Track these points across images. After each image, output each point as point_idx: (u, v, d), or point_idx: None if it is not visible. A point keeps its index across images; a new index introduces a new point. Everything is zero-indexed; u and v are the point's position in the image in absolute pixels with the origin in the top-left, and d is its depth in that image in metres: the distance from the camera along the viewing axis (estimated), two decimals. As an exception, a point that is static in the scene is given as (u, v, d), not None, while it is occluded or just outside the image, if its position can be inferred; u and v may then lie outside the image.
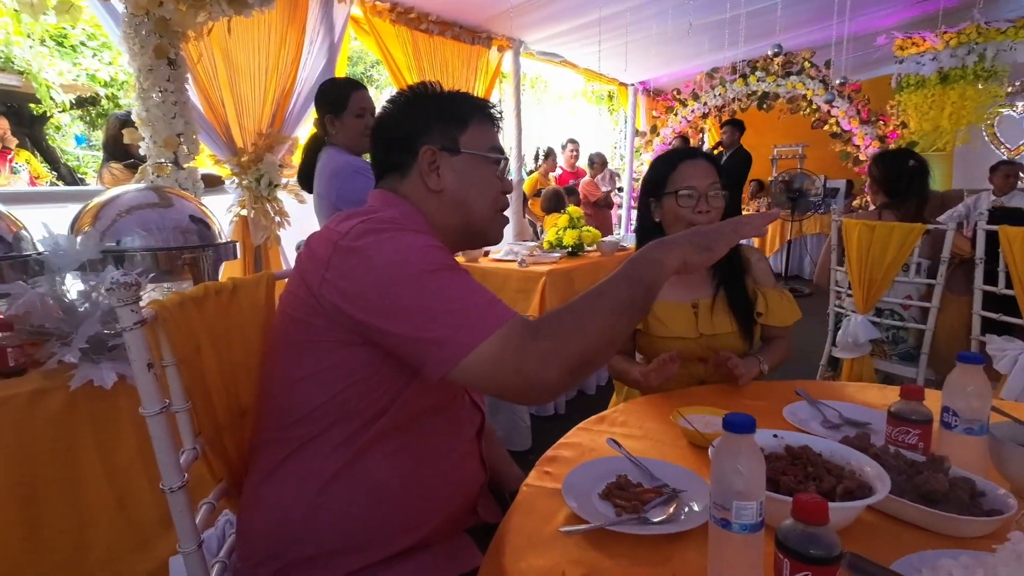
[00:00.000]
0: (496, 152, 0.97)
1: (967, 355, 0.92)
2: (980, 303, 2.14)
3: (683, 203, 1.42)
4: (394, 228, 0.82)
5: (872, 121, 5.46)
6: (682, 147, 1.52)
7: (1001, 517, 0.76)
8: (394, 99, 0.99)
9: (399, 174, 0.95)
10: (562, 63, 5.05)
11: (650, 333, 1.49)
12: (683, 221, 1.42)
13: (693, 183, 1.41)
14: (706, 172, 1.42)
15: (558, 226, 3.38)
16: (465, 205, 0.94)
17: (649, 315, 1.48)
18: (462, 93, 0.99)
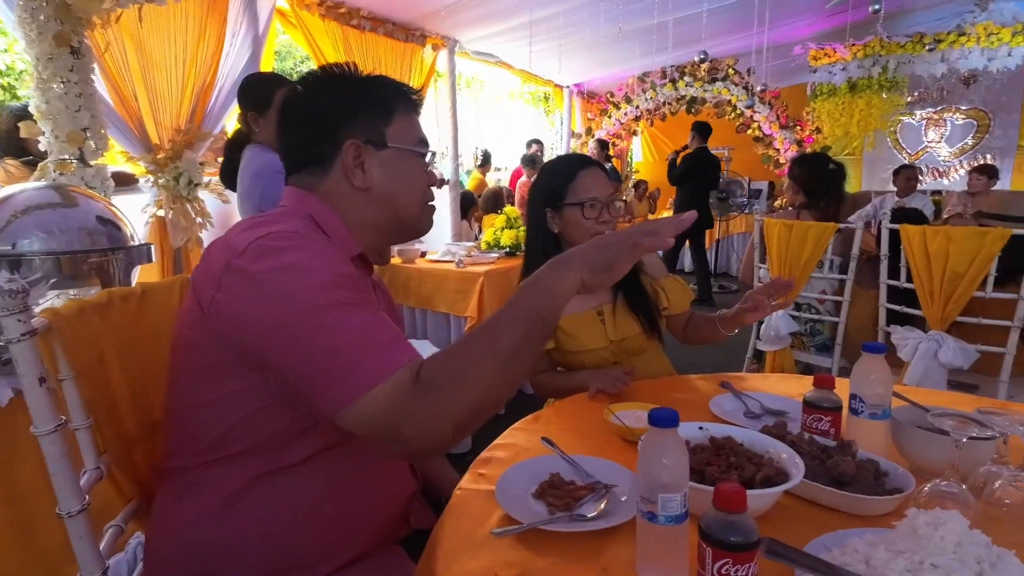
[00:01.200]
0: (423, 145, 0.93)
1: (871, 345, 0.98)
2: (885, 296, 2.30)
3: (588, 214, 1.40)
4: (295, 248, 0.75)
5: (791, 126, 5.79)
6: (577, 155, 1.54)
7: (902, 495, 0.82)
8: (311, 79, 0.90)
9: (319, 168, 0.87)
10: (498, 63, 5.07)
11: (562, 349, 1.48)
12: (587, 232, 1.39)
13: (596, 193, 1.40)
14: (606, 181, 1.44)
15: (495, 226, 3.39)
16: (394, 202, 0.89)
17: (557, 331, 1.45)
18: (384, 78, 0.92)
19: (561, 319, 1.46)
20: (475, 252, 3.29)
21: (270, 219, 0.82)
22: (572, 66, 5.62)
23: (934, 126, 7.48)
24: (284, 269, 0.73)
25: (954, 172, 7.31)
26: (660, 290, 1.50)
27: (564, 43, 4.34)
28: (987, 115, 7.06)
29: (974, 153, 7.21)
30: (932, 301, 2.10)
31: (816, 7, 4.95)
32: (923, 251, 2.09)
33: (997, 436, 0.77)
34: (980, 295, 2.00)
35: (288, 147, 0.91)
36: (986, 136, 7.14)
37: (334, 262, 0.77)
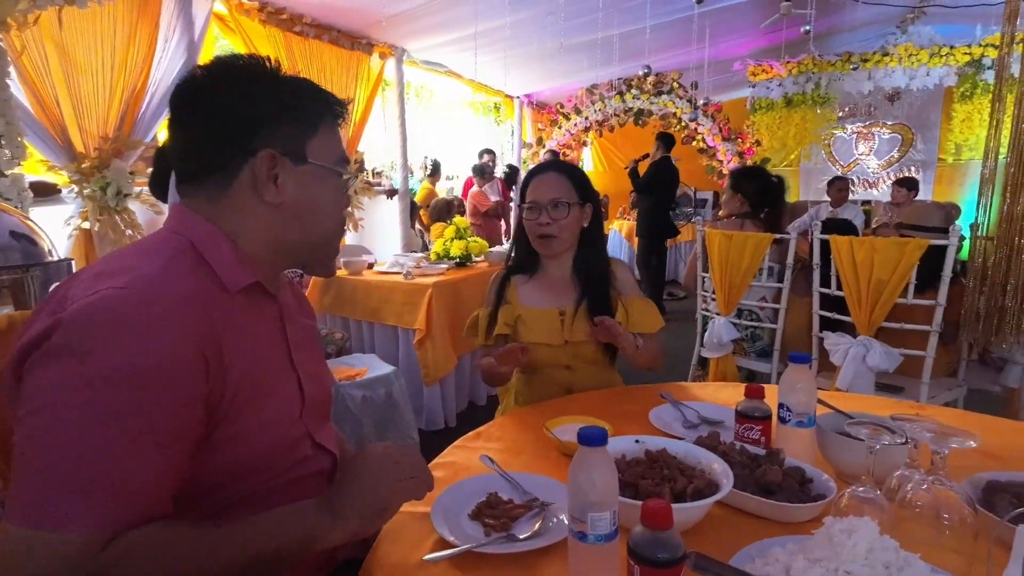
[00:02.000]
0: (343, 164, 0.84)
1: (796, 356, 1.02)
2: (818, 303, 2.41)
3: (527, 215, 1.49)
4: (117, 324, 0.64)
5: (732, 138, 6.02)
6: (545, 162, 1.58)
7: (824, 502, 0.85)
8: (222, 68, 0.77)
9: (219, 177, 0.76)
10: (447, 73, 5.06)
11: (518, 339, 1.50)
12: (530, 233, 1.50)
13: (535, 197, 1.47)
14: (551, 186, 1.47)
15: (445, 237, 3.37)
16: (306, 223, 0.80)
17: (518, 321, 1.50)
18: (311, 84, 0.81)
19: (522, 310, 1.52)
20: (424, 263, 3.26)
21: (127, 263, 0.71)
22: (521, 77, 5.68)
23: (863, 140, 7.90)
24: (75, 352, 0.62)
25: (883, 183, 7.74)
26: (622, 305, 1.52)
27: (511, 55, 4.38)
28: (910, 130, 7.52)
29: (900, 165, 7.66)
30: (860, 308, 2.21)
31: (753, 25, 5.18)
32: (851, 260, 2.19)
33: (907, 442, 0.81)
34: (902, 302, 2.12)
35: (182, 146, 0.78)
36: (910, 150, 7.59)
37: (152, 348, 0.64)
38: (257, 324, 0.80)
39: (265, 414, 0.77)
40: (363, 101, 4.04)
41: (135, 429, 0.63)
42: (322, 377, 0.95)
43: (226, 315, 0.73)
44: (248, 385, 0.74)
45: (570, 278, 1.54)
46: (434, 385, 2.91)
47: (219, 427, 0.72)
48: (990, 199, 2.03)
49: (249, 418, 0.75)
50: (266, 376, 0.79)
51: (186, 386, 0.67)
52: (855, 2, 4.57)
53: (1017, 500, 0.79)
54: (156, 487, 0.65)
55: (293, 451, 0.83)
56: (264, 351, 0.80)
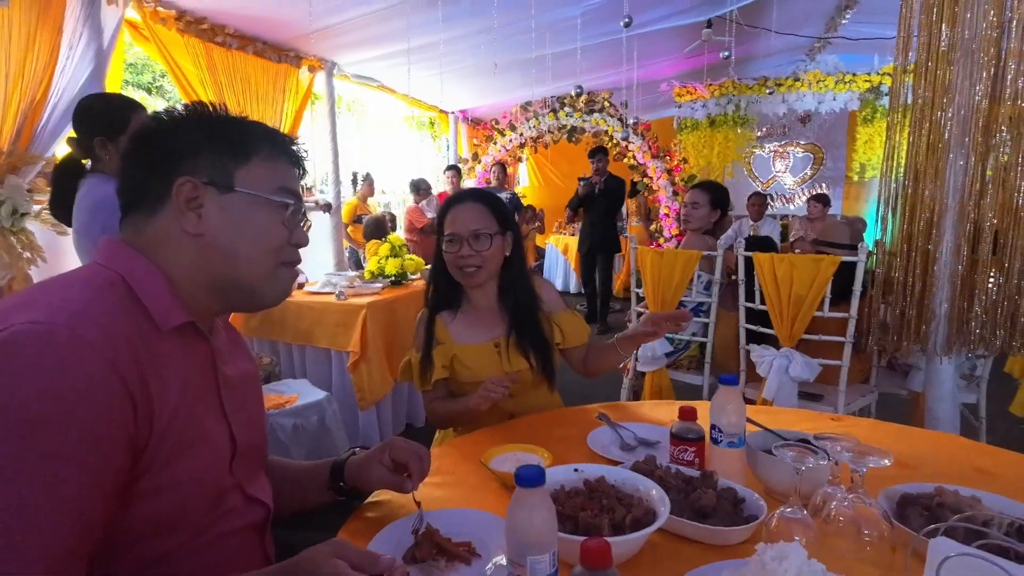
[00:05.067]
0: (285, 194, 0.81)
1: (726, 378, 1.05)
2: (744, 317, 2.52)
3: (447, 247, 1.43)
4: (26, 363, 0.59)
5: (661, 156, 6.25)
6: (464, 190, 1.55)
7: (756, 522, 0.87)
8: (162, 114, 0.81)
9: (147, 209, 0.76)
10: (380, 87, 4.99)
11: (458, 380, 1.47)
12: (450, 265, 1.44)
13: (455, 228, 1.42)
14: (472, 217, 1.42)
15: (379, 255, 3.29)
16: (232, 256, 0.77)
17: (455, 360, 1.46)
18: (254, 122, 0.83)
19: (457, 349, 1.47)
20: (358, 282, 3.17)
21: (50, 295, 0.67)
22: (456, 93, 5.68)
23: (780, 158, 8.44)
24: None
25: (798, 198, 8.27)
26: (555, 325, 1.52)
27: (446, 71, 4.38)
28: (821, 149, 8.10)
29: (813, 182, 8.22)
30: (781, 321, 2.32)
31: (677, 49, 5.43)
32: (772, 276, 2.31)
33: (829, 462, 0.85)
34: (819, 315, 2.25)
35: (121, 185, 0.79)
36: (821, 167, 8.17)
37: (64, 390, 0.59)
38: (188, 367, 0.76)
39: (193, 464, 0.72)
40: (291, 115, 3.90)
41: (39, 479, 0.57)
42: (259, 424, 0.91)
43: (155, 355, 0.69)
44: (176, 431, 0.70)
45: (497, 307, 1.51)
46: (370, 408, 2.82)
47: (144, 476, 0.67)
48: (889, 217, 2.19)
49: (175, 468, 0.70)
50: (195, 423, 0.74)
51: (107, 430, 0.61)
52: (768, 31, 4.88)
53: (927, 512, 0.84)
54: (61, 551, 0.58)
55: (221, 504, 0.78)
56: (194, 396, 0.75)
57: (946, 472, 1.06)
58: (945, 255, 2.01)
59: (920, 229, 2.06)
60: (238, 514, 0.81)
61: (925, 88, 2.01)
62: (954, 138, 1.96)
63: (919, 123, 2.04)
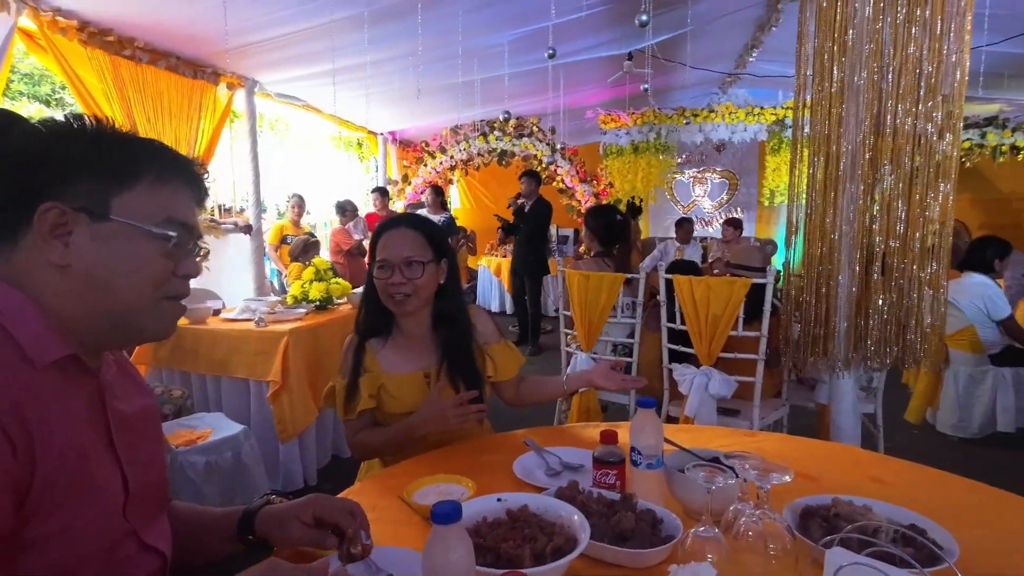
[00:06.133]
0: (171, 225, 0.74)
1: (644, 401, 1.08)
2: (667, 337, 2.61)
3: (378, 275, 1.40)
4: None
5: (588, 180, 6.46)
6: (400, 215, 1.53)
7: (672, 542, 0.89)
8: (34, 127, 0.72)
9: (10, 236, 0.69)
10: (305, 107, 4.88)
11: (385, 410, 1.43)
12: (383, 294, 1.41)
13: (387, 255, 1.39)
14: (405, 243, 1.39)
15: (303, 279, 3.17)
16: (106, 289, 0.71)
17: (382, 390, 1.42)
18: (143, 140, 0.76)
19: (385, 378, 1.43)
20: (279, 308, 3.04)
21: None
22: (385, 114, 5.64)
23: (699, 184, 8.92)
24: None
25: (716, 222, 8.75)
26: (488, 357, 1.50)
27: (373, 92, 4.34)
28: (735, 176, 8.63)
29: (728, 206, 8.73)
30: (700, 340, 2.43)
31: (601, 79, 5.66)
32: (691, 297, 2.42)
33: (738, 480, 0.88)
34: (734, 334, 2.37)
35: None
36: (736, 193, 8.70)
37: None
38: (73, 404, 0.69)
39: (82, 510, 0.67)
40: (208, 132, 3.73)
41: None
42: (156, 463, 0.84)
43: (33, 393, 0.64)
44: (63, 475, 0.64)
45: (430, 336, 1.48)
46: (292, 441, 2.69)
47: (30, 523, 0.62)
48: (794, 241, 2.36)
49: (63, 514, 0.64)
50: (84, 465, 0.68)
51: None
52: (684, 66, 5.18)
53: (826, 523, 0.89)
54: None
55: (114, 553, 0.72)
56: (81, 436, 0.69)
57: (844, 482, 1.13)
58: (842, 277, 2.18)
59: (821, 252, 2.23)
60: (133, 564, 0.75)
61: (820, 124, 2.19)
62: (846, 169, 2.14)
63: (816, 155, 2.21)
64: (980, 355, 3.35)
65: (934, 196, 2.07)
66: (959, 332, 3.34)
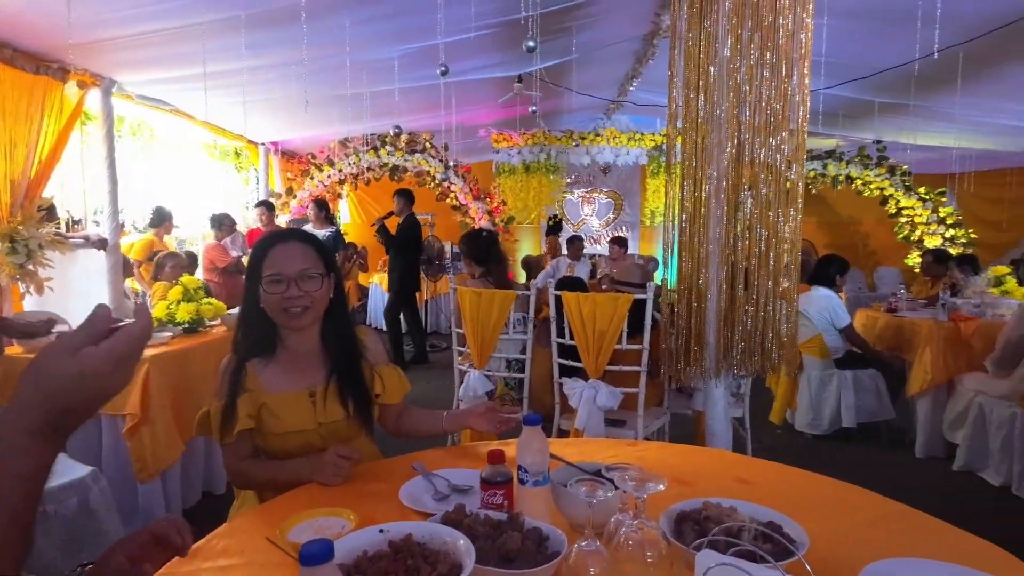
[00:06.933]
0: None
1: (529, 418, 1.08)
2: (557, 352, 2.67)
3: (270, 289, 1.35)
4: None
5: (482, 198, 6.53)
6: (286, 230, 1.47)
7: (558, 559, 0.89)
8: None
9: None
10: (174, 112, 4.48)
11: (265, 431, 1.36)
12: (273, 308, 1.36)
13: (280, 268, 1.35)
14: (299, 256, 1.37)
15: (168, 299, 2.88)
16: None
17: (263, 410, 1.35)
18: None
19: (267, 398, 1.34)
20: (140, 332, 2.73)
21: None
22: (266, 123, 5.34)
23: (587, 203, 9.35)
24: None
25: (603, 239, 9.20)
26: (377, 376, 1.47)
27: (253, 100, 4.09)
28: (620, 197, 9.15)
29: (615, 225, 9.22)
30: (588, 354, 2.52)
31: (492, 98, 5.77)
32: (578, 313, 2.50)
33: (618, 491, 0.91)
34: (619, 347, 2.48)
35: None
36: (621, 212, 9.22)
37: None
38: None
39: None
40: (53, 135, 3.30)
41: None
42: None
43: None
44: None
45: (317, 353, 1.44)
46: (154, 480, 2.41)
47: None
48: (670, 259, 2.52)
49: None
50: None
51: None
52: (570, 91, 5.43)
53: (698, 526, 0.94)
54: None
55: None
56: None
57: (715, 486, 1.20)
58: (711, 292, 2.36)
59: (693, 269, 2.40)
60: None
61: (690, 151, 2.37)
62: (713, 194, 2.34)
63: (687, 180, 2.39)
64: (827, 360, 3.78)
65: (785, 219, 2.31)
66: (810, 340, 3.75)
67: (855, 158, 7.12)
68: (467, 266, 3.21)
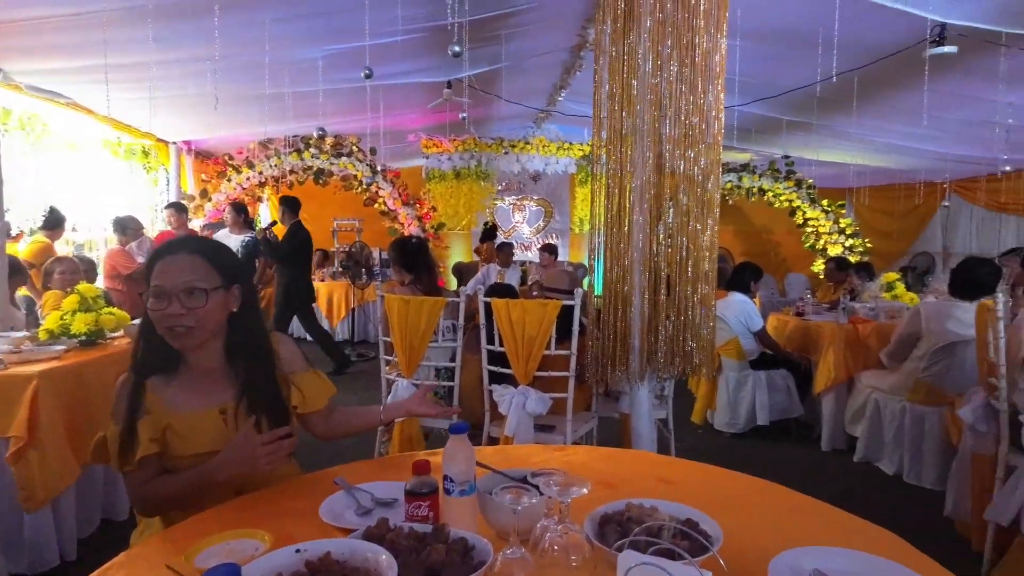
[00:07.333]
0: None
1: (455, 426, 1.07)
2: (487, 359, 2.67)
3: (153, 304, 1.23)
4: None
5: (411, 203, 6.44)
6: (177, 239, 1.37)
7: (481, 570, 0.88)
8: None
9: None
10: (71, 105, 4.11)
11: (174, 454, 1.25)
12: (157, 324, 1.24)
13: (162, 281, 1.23)
14: (185, 268, 1.25)
15: (63, 309, 2.63)
16: None
17: (168, 431, 1.25)
18: None
19: (173, 418, 1.24)
20: (27, 345, 2.48)
21: None
22: (178, 121, 5.01)
23: (518, 210, 9.44)
24: None
25: (534, 247, 9.31)
26: (295, 387, 1.39)
27: (162, 96, 3.83)
28: (550, 204, 9.30)
29: (545, 233, 9.36)
30: (517, 360, 2.52)
31: (422, 103, 5.72)
32: (507, 320, 2.50)
33: (542, 498, 0.91)
34: (548, 353, 2.50)
35: None
36: (551, 220, 9.37)
37: None
38: None
39: None
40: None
41: None
42: None
43: None
44: None
45: (225, 368, 1.33)
46: (44, 508, 2.19)
47: None
48: (596, 266, 2.58)
49: None
50: None
51: None
52: (499, 99, 5.47)
53: (620, 528, 0.96)
54: None
55: None
56: None
57: (638, 486, 1.23)
58: (636, 298, 2.43)
59: (617, 276, 2.47)
60: None
61: (614, 161, 2.44)
62: (636, 203, 2.42)
63: (612, 189, 2.46)
64: (743, 362, 3.99)
65: (703, 229, 2.43)
66: (727, 343, 3.95)
67: (766, 172, 7.61)
68: (396, 273, 3.15)
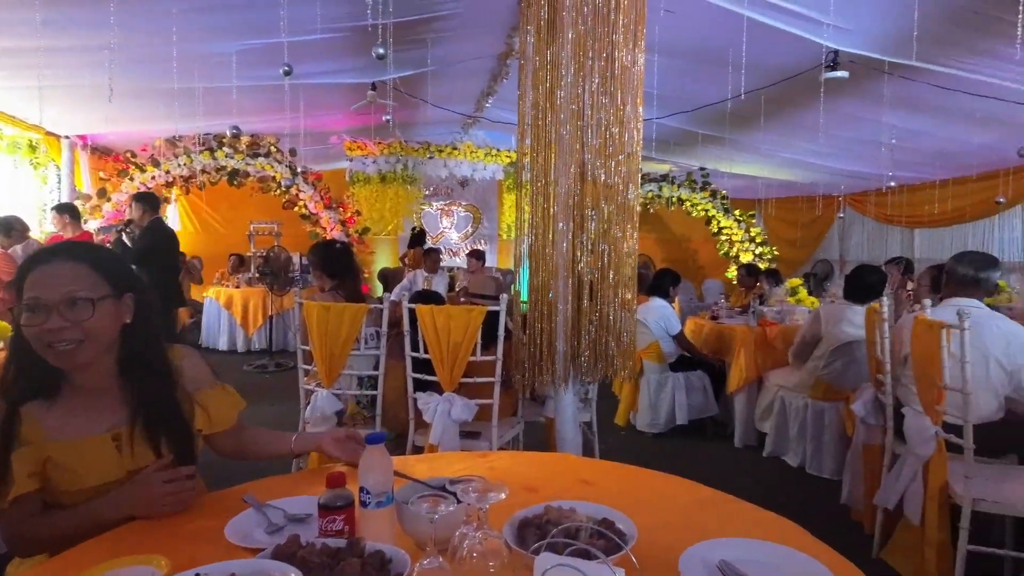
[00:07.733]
0: None
1: (371, 436, 1.04)
2: (411, 366, 2.62)
3: (27, 320, 1.09)
4: None
5: (334, 207, 6.25)
6: (53, 246, 1.23)
7: (397, 580, 0.86)
8: None
9: None
10: (-58, 93, 3.69)
11: (59, 489, 1.13)
12: (34, 340, 1.10)
13: (38, 292, 1.09)
14: (65, 278, 1.11)
15: (-73, 319, 2.33)
16: None
17: (49, 464, 1.12)
18: None
19: (55, 448, 1.12)
20: None
21: None
22: (71, 114, 4.60)
23: (446, 216, 9.39)
24: None
25: (462, 252, 9.29)
26: (199, 406, 1.27)
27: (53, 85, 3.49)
28: (479, 210, 9.31)
29: (473, 239, 9.36)
30: (443, 367, 2.50)
31: (345, 105, 5.57)
32: (432, 326, 2.47)
33: (461, 505, 0.90)
34: (474, 359, 2.49)
35: None
36: (479, 226, 9.38)
37: None
38: None
39: None
40: None
41: None
42: None
43: None
44: None
45: (117, 388, 1.20)
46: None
47: None
48: (522, 271, 2.61)
49: None
50: None
51: None
52: (425, 103, 5.43)
53: (539, 530, 0.96)
54: None
55: None
56: None
57: (559, 489, 1.24)
58: (560, 303, 2.47)
59: (543, 282, 2.50)
60: None
61: (539, 169, 2.48)
62: (560, 211, 2.46)
63: (537, 196, 2.49)
64: (663, 364, 4.16)
65: (624, 236, 2.51)
66: (648, 346, 4.09)
67: (684, 182, 8.00)
68: (317, 279, 3.02)
